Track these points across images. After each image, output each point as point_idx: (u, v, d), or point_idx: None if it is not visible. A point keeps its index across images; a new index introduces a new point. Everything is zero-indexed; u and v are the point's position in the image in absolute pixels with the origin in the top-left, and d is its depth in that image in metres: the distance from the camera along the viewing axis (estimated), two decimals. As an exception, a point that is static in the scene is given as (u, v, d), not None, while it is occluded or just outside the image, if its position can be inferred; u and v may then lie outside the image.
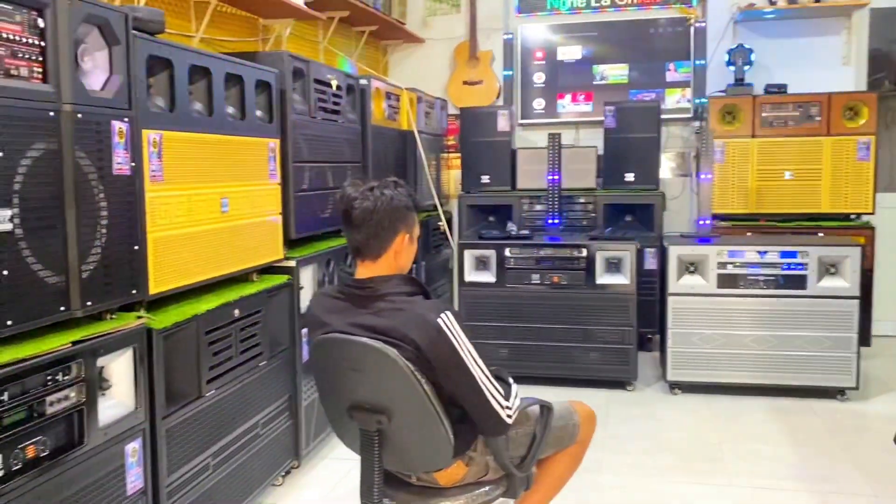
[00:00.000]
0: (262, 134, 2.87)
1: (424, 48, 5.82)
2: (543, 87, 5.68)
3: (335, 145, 3.56)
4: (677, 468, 3.21)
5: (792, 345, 3.91)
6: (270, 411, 2.88)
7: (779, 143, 4.67)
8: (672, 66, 5.43)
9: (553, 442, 2.23)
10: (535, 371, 4.23)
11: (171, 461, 2.25)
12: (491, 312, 4.30)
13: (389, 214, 1.91)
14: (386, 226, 1.91)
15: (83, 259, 1.90)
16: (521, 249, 4.28)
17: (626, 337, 4.15)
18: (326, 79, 3.44)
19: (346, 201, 1.93)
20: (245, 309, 2.66)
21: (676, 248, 4.02)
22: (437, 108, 5.36)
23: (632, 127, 4.90)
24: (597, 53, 5.58)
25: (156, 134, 2.21)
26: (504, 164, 5.17)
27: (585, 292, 4.19)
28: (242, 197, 2.71)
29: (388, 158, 4.28)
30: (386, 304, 1.90)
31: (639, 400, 4.10)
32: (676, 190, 5.38)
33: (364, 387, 1.91)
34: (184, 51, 2.40)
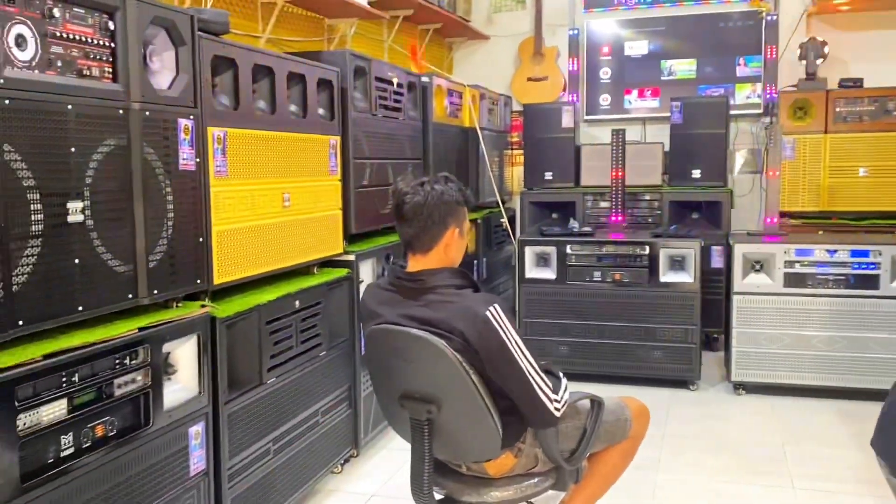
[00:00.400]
0: (323, 131, 2.95)
1: (489, 45, 5.85)
2: (609, 83, 5.64)
3: (395, 142, 3.62)
4: (737, 469, 3.15)
5: (862, 346, 3.79)
6: (330, 400, 2.96)
7: (853, 138, 4.52)
8: (742, 60, 5.31)
9: (604, 436, 2.23)
10: (596, 369, 4.21)
11: (232, 445, 2.34)
12: (551, 309, 4.30)
13: (439, 209, 1.95)
14: (436, 220, 1.95)
15: (150, 249, 2.00)
16: (583, 246, 4.27)
17: (690, 336, 4.09)
18: (388, 76, 3.50)
19: (398, 196, 1.98)
20: (305, 300, 2.74)
21: (742, 246, 3.94)
22: (501, 104, 5.37)
23: (699, 123, 4.82)
24: (665, 48, 5.50)
25: (220, 131, 2.31)
26: (568, 160, 5.15)
27: (648, 290, 4.15)
28: (304, 192, 2.79)
29: (449, 155, 4.33)
30: (435, 297, 1.94)
31: (701, 400, 4.04)
32: (746, 187, 5.26)
33: (414, 377, 1.96)
34: (247, 51, 2.49)
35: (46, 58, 1.70)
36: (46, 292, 1.69)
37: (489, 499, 2.07)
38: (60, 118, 1.72)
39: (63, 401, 1.71)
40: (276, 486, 2.60)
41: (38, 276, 1.67)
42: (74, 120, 1.75)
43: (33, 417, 1.64)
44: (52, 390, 1.69)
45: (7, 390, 1.57)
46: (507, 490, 2.07)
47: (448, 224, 1.98)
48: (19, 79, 1.62)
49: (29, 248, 1.65)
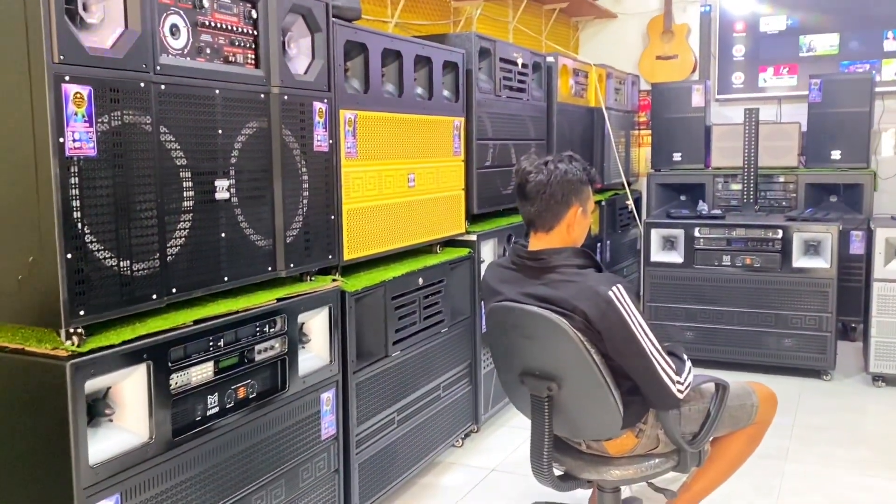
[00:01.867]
0: (447, 112, 3.01)
1: (616, 23, 5.74)
2: (743, 61, 5.41)
3: (519, 122, 3.64)
4: (872, 462, 3.01)
5: None
6: (451, 376, 3.04)
7: None
8: (891, 33, 4.96)
9: (728, 421, 2.19)
10: (723, 356, 4.10)
11: (360, 412, 2.46)
12: (677, 294, 4.21)
13: (563, 187, 1.97)
14: (559, 199, 1.97)
15: (287, 226, 2.13)
16: (712, 230, 4.14)
17: (824, 324, 3.91)
18: (513, 57, 3.52)
19: (521, 174, 2.01)
20: (428, 278, 2.82)
21: (885, 231, 3.72)
22: (628, 84, 5.27)
23: (839, 101, 4.56)
24: (804, 23, 5.22)
25: (351, 114, 2.41)
26: (697, 141, 5.01)
27: (780, 276, 3.99)
28: (428, 173, 2.87)
29: (573, 135, 4.30)
30: (557, 276, 1.96)
31: (835, 390, 3.85)
32: (891, 169, 4.93)
33: (535, 354, 1.99)
34: (377, 35, 2.58)
35: (196, 45, 1.84)
36: (196, 263, 1.84)
37: (609, 477, 2.08)
38: (209, 102, 1.86)
39: (210, 363, 1.86)
40: (400, 455, 2.70)
41: (189, 248, 1.82)
42: (221, 104, 1.89)
43: (184, 378, 1.79)
44: (201, 353, 1.83)
45: (162, 352, 1.72)
46: (628, 469, 2.07)
47: (571, 203, 1.99)
48: (173, 65, 1.76)
49: (181, 223, 1.79)
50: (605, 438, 2.05)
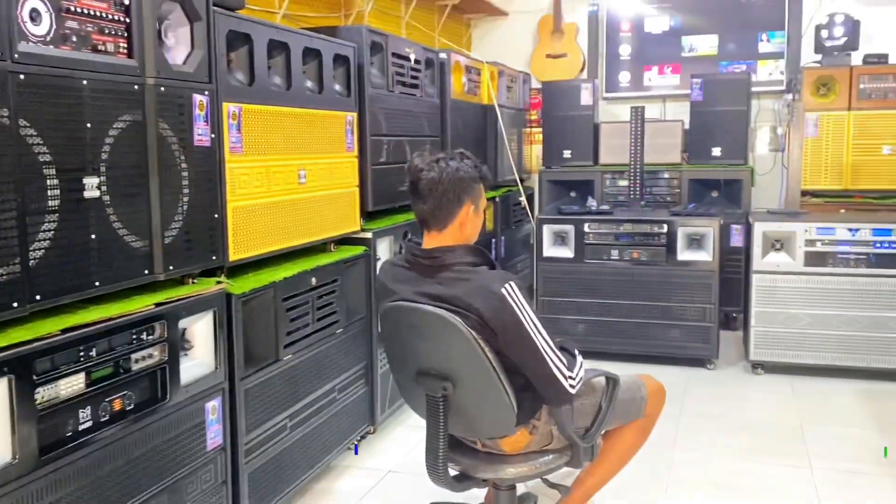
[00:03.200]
0: (339, 107, 2.93)
1: (508, 21, 5.80)
2: (629, 60, 5.57)
3: (413, 119, 3.60)
4: (755, 448, 3.14)
5: (884, 326, 3.75)
6: (347, 377, 2.97)
7: (878, 116, 4.44)
8: (765, 36, 5.22)
9: (619, 414, 2.22)
10: (613, 347, 4.20)
11: (249, 420, 2.36)
12: (568, 288, 4.28)
13: (455, 185, 1.94)
14: (451, 197, 1.94)
15: (166, 225, 2.01)
16: (601, 225, 4.24)
17: (708, 315, 4.06)
18: (405, 53, 3.47)
19: (413, 172, 1.97)
20: (322, 278, 2.74)
21: (762, 225, 3.90)
22: (520, 82, 5.33)
23: (720, 100, 4.76)
24: (686, 24, 5.42)
25: (235, 107, 2.30)
26: (586, 138, 5.11)
27: (666, 269, 4.12)
28: (320, 169, 2.79)
29: (467, 132, 4.30)
30: (451, 274, 1.94)
31: (719, 379, 4.01)
32: (767, 165, 5.19)
33: (430, 354, 1.96)
34: (263, 26, 2.48)
35: (61, 32, 1.70)
36: (63, 267, 1.70)
37: (504, 475, 2.07)
38: (75, 93, 1.72)
39: (81, 375, 1.73)
40: (293, 462, 2.62)
41: (55, 252, 1.68)
42: (90, 95, 1.75)
43: (52, 391, 1.66)
44: (70, 364, 1.70)
45: (25, 364, 1.58)
46: (522, 467, 2.07)
47: (463, 201, 1.96)
48: (34, 53, 1.62)
49: (45, 224, 1.65)
50: (500, 436, 2.04)
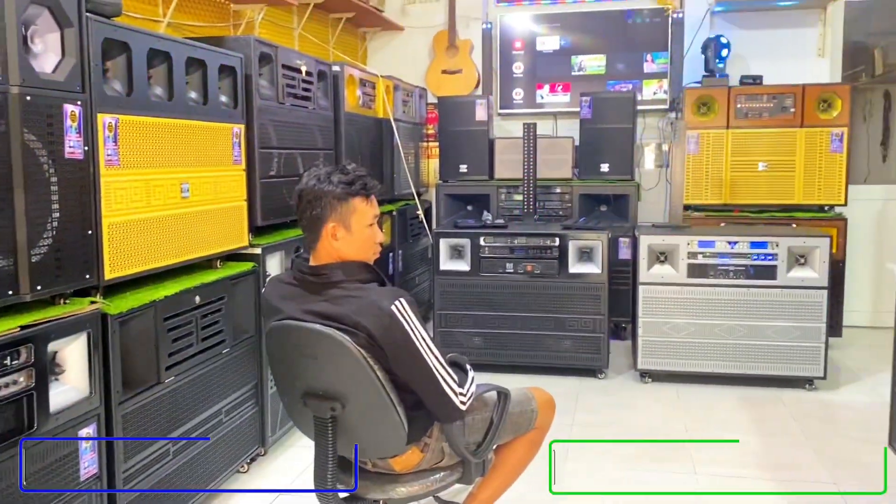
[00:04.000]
0: (225, 119, 2.85)
1: (403, 36, 5.81)
2: (522, 77, 5.67)
3: (305, 132, 3.54)
4: (643, 455, 3.22)
5: (761, 335, 3.94)
6: (235, 398, 2.88)
7: (753, 134, 4.68)
8: (650, 56, 5.43)
9: (510, 428, 2.23)
10: (509, 359, 4.25)
11: (127, 447, 2.24)
12: (465, 301, 4.30)
13: (313, 203, 1.91)
14: (311, 214, 1.92)
15: (33, 243, 1.89)
16: (496, 238, 4.28)
17: (598, 325, 4.17)
18: (296, 64, 3.42)
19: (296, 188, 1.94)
20: (207, 296, 2.64)
21: (647, 238, 4.04)
22: (416, 96, 5.34)
23: (607, 117, 4.90)
24: (575, 44, 5.57)
25: (112, 118, 2.19)
26: (482, 153, 5.16)
27: (558, 281, 4.20)
28: (204, 182, 2.69)
29: (362, 146, 4.27)
30: (339, 291, 1.90)
31: (609, 388, 4.12)
32: (652, 181, 5.39)
33: (317, 374, 1.92)
34: (142, 34, 2.38)
35: (-90, 36, 1.57)
36: (-88, 289, 1.57)
37: (395, 495, 2.04)
38: (-73, 101, 1.60)
39: (-67, 406, 1.60)
40: (177, 487, 2.50)
41: None
42: (-56, 104, 1.63)
43: None
44: (-80, 394, 1.57)
45: None
46: (413, 486, 2.05)
47: (325, 218, 1.92)
48: None
49: None
50: (390, 455, 2.01)
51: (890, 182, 5.66)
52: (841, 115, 4.61)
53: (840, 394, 3.98)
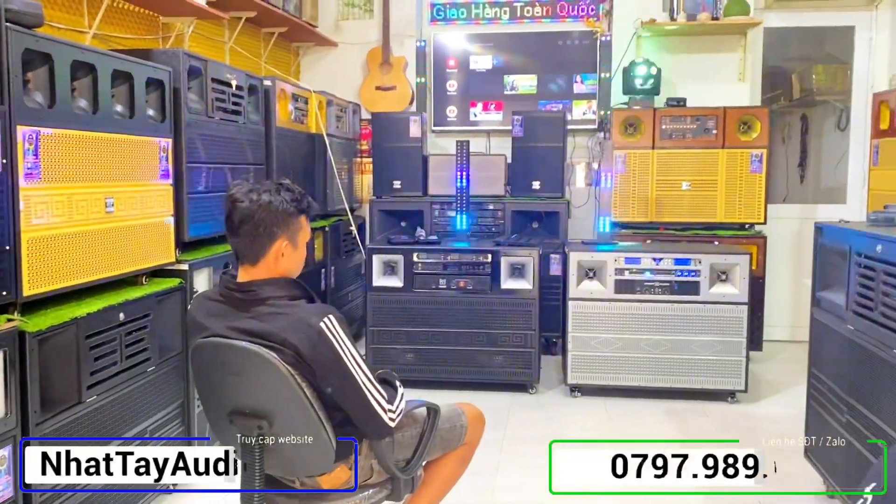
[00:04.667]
0: (152, 133, 2.80)
1: (337, 52, 5.81)
2: (456, 95, 5.74)
3: (236, 146, 3.51)
4: (571, 469, 3.27)
5: (685, 349, 4.05)
6: (160, 418, 2.81)
7: (677, 154, 4.84)
8: (579, 78, 5.56)
9: (440, 444, 2.24)
10: (441, 375, 4.26)
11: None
12: (398, 317, 4.31)
13: (267, 219, 1.89)
14: (262, 231, 1.89)
15: (-55, 259, 1.82)
16: (429, 255, 4.31)
17: (529, 341, 4.22)
18: (226, 78, 3.38)
19: (229, 202, 1.91)
20: (131, 313, 2.59)
21: (577, 255, 4.12)
22: (350, 112, 5.34)
23: (538, 136, 5.00)
24: (507, 63, 5.67)
25: (32, 130, 2.14)
26: (416, 169, 5.19)
27: (491, 297, 4.24)
28: (130, 197, 2.64)
29: (294, 161, 4.25)
30: (267, 308, 1.89)
31: (540, 402, 4.17)
32: (582, 198, 5.51)
33: (244, 392, 1.89)
34: (65, 45, 2.33)
35: None
36: None
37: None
38: None
39: None
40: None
41: None
42: None
43: None
44: None
45: None
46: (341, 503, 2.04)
47: (276, 235, 1.91)
48: None
49: None
50: (318, 474, 2.00)
51: (807, 202, 5.91)
52: (760, 137, 4.81)
53: (761, 406, 4.12)
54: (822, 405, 2.79)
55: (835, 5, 5.36)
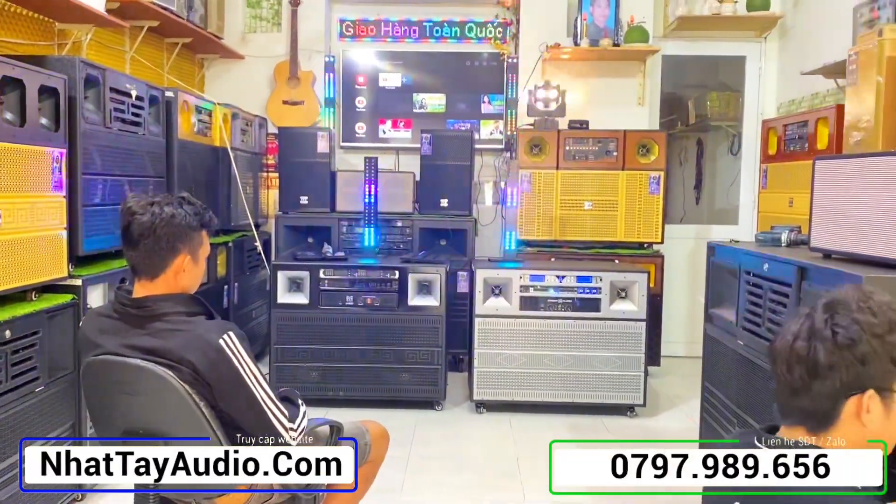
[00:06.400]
0: (45, 143, 2.69)
1: (244, 65, 5.72)
2: (365, 112, 5.74)
3: (135, 158, 3.40)
4: (477, 485, 3.30)
5: (587, 364, 4.16)
6: (51, 440, 2.68)
7: (580, 175, 4.98)
8: (487, 98, 5.66)
9: (343, 462, 2.22)
10: (347, 393, 4.23)
11: (-82, 498, 2.04)
12: (303, 335, 4.25)
13: (169, 233, 1.84)
14: (164, 245, 1.84)
15: None
16: (336, 271, 4.27)
17: (436, 357, 4.24)
18: (126, 88, 3.28)
19: (126, 215, 1.85)
20: (18, 330, 2.47)
21: (483, 272, 4.18)
22: (256, 126, 5.26)
23: (447, 155, 5.05)
24: (417, 82, 5.71)
25: None
26: (323, 185, 5.15)
27: (398, 314, 4.24)
28: (19, 209, 2.52)
29: (197, 174, 4.15)
30: (163, 325, 1.83)
31: (446, 419, 4.19)
32: (489, 217, 5.59)
33: (138, 411, 1.83)
34: (-50, 49, 2.22)
35: None
36: None
37: (221, 535, 1.97)
38: None
39: None
40: (-23, 542, 2.29)
41: None
42: None
43: None
44: None
45: None
46: (241, 525, 1.99)
47: (178, 250, 1.87)
48: None
49: None
50: (217, 495, 1.94)
51: (702, 222, 6.18)
52: (658, 160, 5.01)
53: (658, 420, 4.27)
54: (714, 418, 2.92)
55: (727, 36, 5.65)
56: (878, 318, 1.23)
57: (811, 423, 1.27)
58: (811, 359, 1.24)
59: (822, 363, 1.23)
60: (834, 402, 1.24)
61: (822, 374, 1.23)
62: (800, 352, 1.25)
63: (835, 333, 1.23)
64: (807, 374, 1.25)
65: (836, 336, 1.22)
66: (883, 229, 1.93)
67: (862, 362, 1.22)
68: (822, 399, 1.24)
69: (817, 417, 1.26)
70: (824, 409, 1.25)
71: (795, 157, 4.20)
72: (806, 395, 1.26)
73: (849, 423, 1.24)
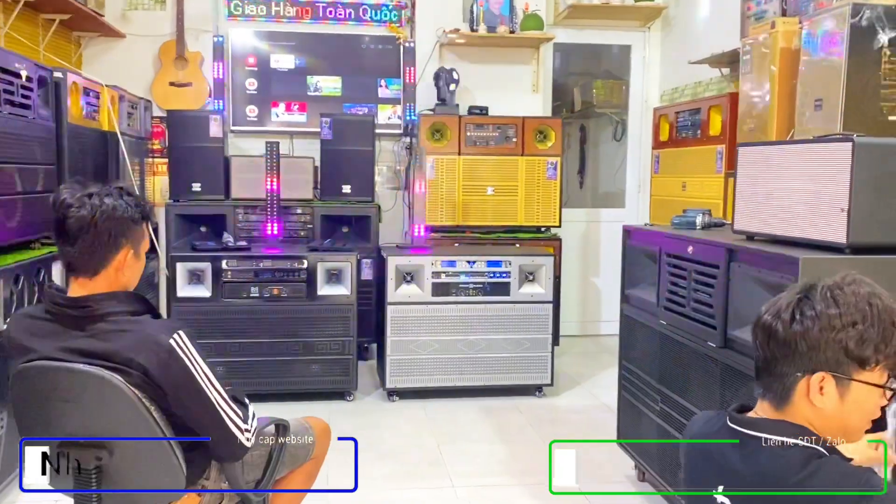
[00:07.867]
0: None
1: (125, 44, 5.37)
2: (256, 94, 5.54)
3: (24, 144, 3.13)
4: (400, 474, 3.29)
5: (497, 347, 4.22)
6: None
7: (481, 160, 5.03)
8: (383, 82, 5.60)
9: (289, 461, 2.16)
10: (255, 387, 4.07)
11: None
12: (206, 329, 4.05)
13: (111, 226, 1.71)
14: (105, 239, 1.71)
15: None
16: (239, 262, 4.11)
17: (347, 347, 4.18)
18: (15, 69, 3.01)
19: (60, 208, 1.69)
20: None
21: (395, 259, 4.15)
22: (141, 108, 4.97)
23: (348, 139, 4.96)
24: (310, 64, 5.56)
25: None
26: (217, 171, 4.92)
27: (306, 304, 4.14)
28: None
29: (86, 161, 3.87)
30: (107, 325, 1.70)
31: (358, 409, 4.15)
32: (389, 203, 5.54)
33: (78, 419, 1.70)
34: None
35: None
36: None
37: (172, 544, 1.87)
38: None
39: None
40: None
41: None
42: None
43: None
44: None
45: None
46: (191, 532, 1.89)
47: (121, 244, 1.73)
48: None
49: None
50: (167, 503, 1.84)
51: (587, 206, 6.39)
52: (555, 146, 5.13)
53: (564, 398, 4.40)
54: (633, 395, 3.03)
55: (614, 25, 5.85)
56: (841, 310, 1.25)
57: (773, 397, 1.33)
58: (771, 335, 1.30)
59: (779, 341, 1.29)
60: (786, 380, 1.30)
61: (779, 351, 1.29)
62: (765, 325, 1.31)
63: (793, 318, 1.28)
64: (767, 347, 1.31)
65: (794, 321, 1.27)
66: (814, 213, 2.06)
67: (811, 348, 1.26)
68: (778, 375, 1.31)
69: (777, 392, 1.32)
70: (782, 385, 1.31)
71: (687, 143, 4.42)
72: (766, 370, 1.32)
73: (800, 402, 1.29)
